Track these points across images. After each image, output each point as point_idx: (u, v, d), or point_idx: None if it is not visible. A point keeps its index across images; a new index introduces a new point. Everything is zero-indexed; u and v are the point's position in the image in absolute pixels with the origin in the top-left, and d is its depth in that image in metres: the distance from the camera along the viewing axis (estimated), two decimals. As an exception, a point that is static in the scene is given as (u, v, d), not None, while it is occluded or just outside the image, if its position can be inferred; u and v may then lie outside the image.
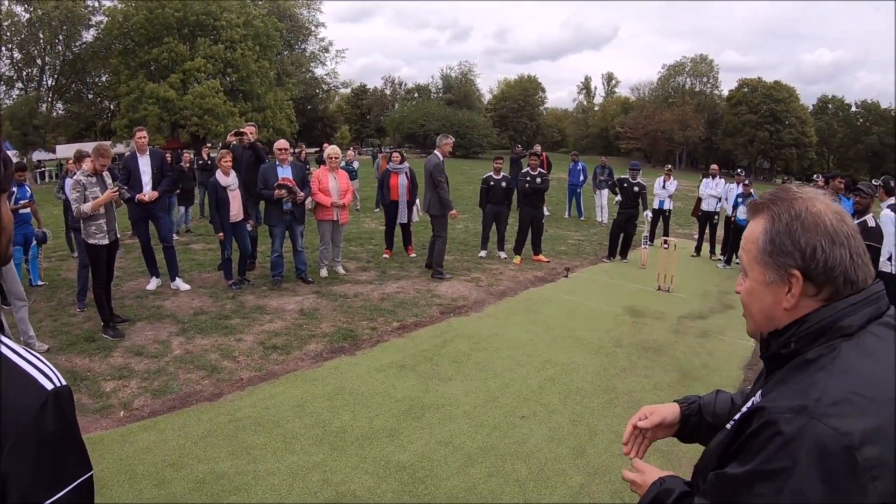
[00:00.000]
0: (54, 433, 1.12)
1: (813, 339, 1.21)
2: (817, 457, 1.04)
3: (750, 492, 1.10)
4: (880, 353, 1.17)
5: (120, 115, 43.75)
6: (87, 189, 6.68)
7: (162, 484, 4.05)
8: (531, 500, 4.05)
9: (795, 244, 1.22)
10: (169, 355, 6.35)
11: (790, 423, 1.08)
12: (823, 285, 1.21)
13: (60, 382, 1.16)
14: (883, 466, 1.04)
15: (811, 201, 1.26)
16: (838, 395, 1.09)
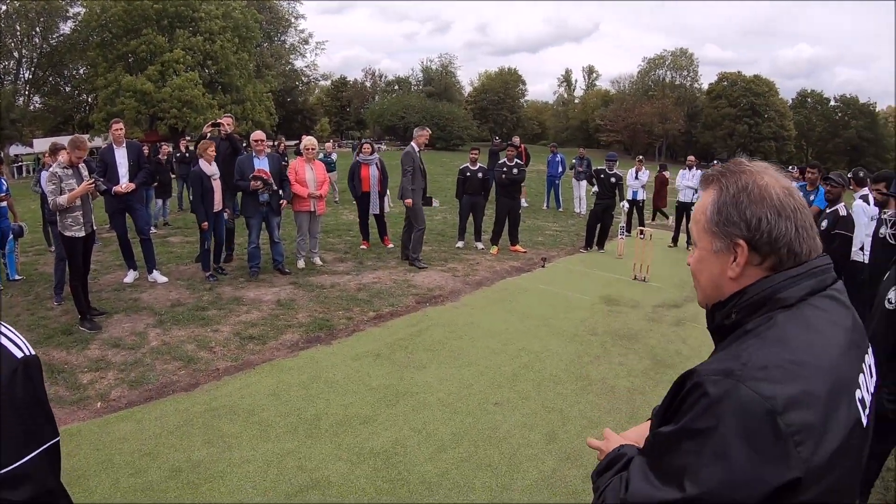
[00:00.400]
0: (23, 399, 1.20)
1: (753, 310, 1.25)
2: (740, 419, 1.06)
3: (678, 450, 1.13)
4: (818, 324, 1.20)
5: (98, 109, 43.35)
6: (64, 181, 6.66)
7: (139, 473, 4.09)
8: (503, 485, 4.13)
9: (741, 215, 1.26)
10: (146, 347, 6.37)
11: (716, 385, 1.11)
12: (768, 255, 1.25)
13: (30, 352, 1.24)
14: (806, 433, 1.07)
15: (759, 174, 1.30)
16: (766, 361, 1.12)
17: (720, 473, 1.06)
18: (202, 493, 3.89)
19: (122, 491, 3.89)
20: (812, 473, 1.07)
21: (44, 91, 49.62)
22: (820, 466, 1.08)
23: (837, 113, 74.15)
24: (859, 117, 70.87)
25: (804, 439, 1.06)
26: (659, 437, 1.20)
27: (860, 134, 69.47)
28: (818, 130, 73.54)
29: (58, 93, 50.46)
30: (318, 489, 3.96)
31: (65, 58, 47.44)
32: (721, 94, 71.53)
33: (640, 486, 1.17)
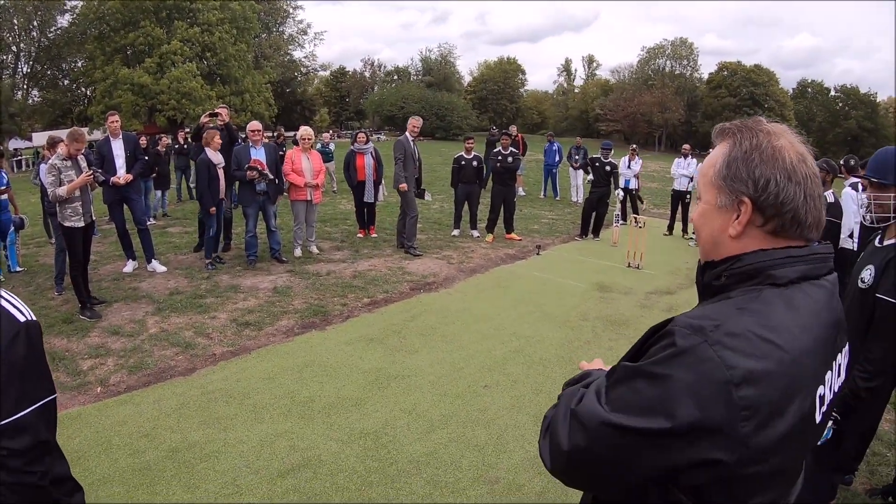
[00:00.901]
0: (25, 359, 1.35)
1: (743, 279, 1.24)
2: (696, 378, 1.07)
3: (633, 385, 1.14)
4: (801, 311, 1.19)
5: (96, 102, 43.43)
6: (62, 173, 6.78)
7: (136, 454, 4.22)
8: (489, 464, 4.26)
9: (750, 173, 1.24)
10: (144, 334, 6.51)
11: (685, 338, 1.11)
12: (771, 218, 1.23)
13: (31, 318, 1.40)
14: (755, 409, 1.07)
15: (776, 135, 1.27)
16: (739, 330, 1.11)
17: (661, 420, 1.08)
18: (198, 471, 4.02)
19: (121, 471, 4.01)
20: (750, 452, 1.08)
21: (42, 85, 49.69)
22: (761, 448, 1.09)
23: (838, 103, 73.87)
24: (860, 107, 70.64)
25: (751, 416, 1.07)
26: (621, 368, 1.21)
27: (860, 124, 69.24)
28: (818, 120, 73.22)
29: (56, 86, 50.51)
30: (310, 468, 4.09)
31: (63, 51, 47.50)
32: (721, 83, 71.28)
33: (590, 404, 1.19)
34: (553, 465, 1.27)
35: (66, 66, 50.51)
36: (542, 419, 1.36)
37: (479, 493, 3.92)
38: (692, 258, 11.43)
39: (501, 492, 3.95)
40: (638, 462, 1.13)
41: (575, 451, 1.19)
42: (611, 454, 1.15)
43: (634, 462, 1.14)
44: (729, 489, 1.12)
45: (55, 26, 46.78)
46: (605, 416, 1.15)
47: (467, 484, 4.01)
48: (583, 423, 1.18)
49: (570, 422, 1.22)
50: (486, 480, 4.06)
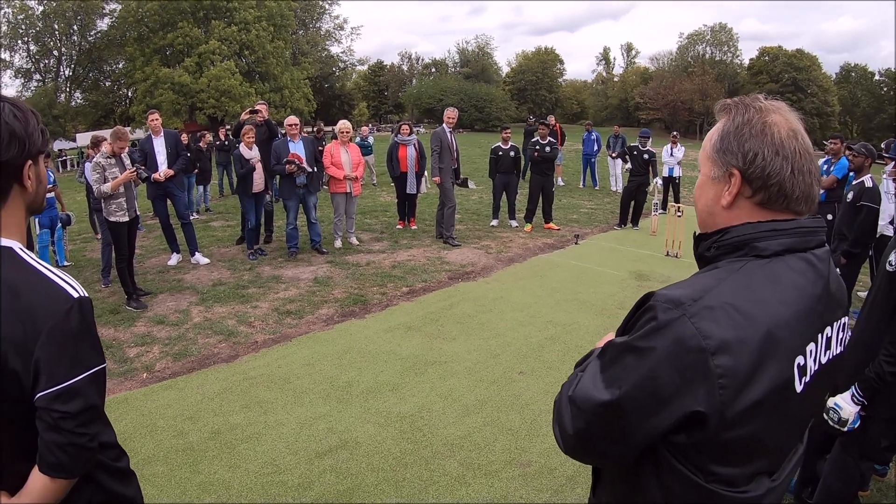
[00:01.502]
0: (77, 329, 1.48)
1: (730, 251, 1.30)
2: (676, 348, 1.15)
3: (621, 361, 1.23)
4: (781, 282, 1.24)
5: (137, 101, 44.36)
6: (107, 170, 7.00)
7: (180, 435, 4.38)
8: (522, 447, 4.31)
9: (740, 147, 1.30)
10: (189, 323, 6.70)
11: (665, 312, 1.18)
12: (759, 190, 1.28)
13: (84, 294, 1.52)
14: (731, 377, 1.14)
15: (768, 112, 1.32)
16: (715, 302, 1.17)
17: (648, 389, 1.18)
18: (239, 452, 4.15)
19: (165, 451, 4.17)
20: (726, 418, 1.15)
21: (84, 87, 50.86)
22: (738, 413, 1.16)
23: (882, 87, 71.42)
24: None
25: (728, 384, 1.14)
26: (611, 346, 1.29)
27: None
28: (863, 106, 71.16)
29: (98, 88, 51.64)
30: (347, 449, 4.20)
31: (103, 54, 48.56)
32: (762, 69, 69.62)
33: (585, 386, 1.29)
34: (565, 448, 1.37)
35: (107, 68, 51.56)
36: (554, 404, 1.43)
37: (511, 475, 3.98)
38: (733, 246, 11.27)
39: (533, 475, 4.00)
40: (634, 432, 1.22)
41: (578, 433, 1.30)
42: (609, 430, 1.26)
43: (631, 433, 1.23)
44: (710, 453, 1.20)
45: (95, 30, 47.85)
46: (597, 397, 1.24)
47: (500, 466, 4.06)
48: (580, 408, 1.28)
49: (570, 407, 1.32)
50: (518, 463, 4.11)
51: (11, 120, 1.47)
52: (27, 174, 1.52)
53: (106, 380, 1.59)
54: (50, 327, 1.42)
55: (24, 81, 47.39)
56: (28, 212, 1.60)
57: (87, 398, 1.48)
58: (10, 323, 1.40)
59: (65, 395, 1.43)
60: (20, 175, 1.51)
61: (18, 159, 1.49)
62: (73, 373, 1.45)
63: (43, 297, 1.45)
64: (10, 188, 1.51)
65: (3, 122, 1.45)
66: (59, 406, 1.42)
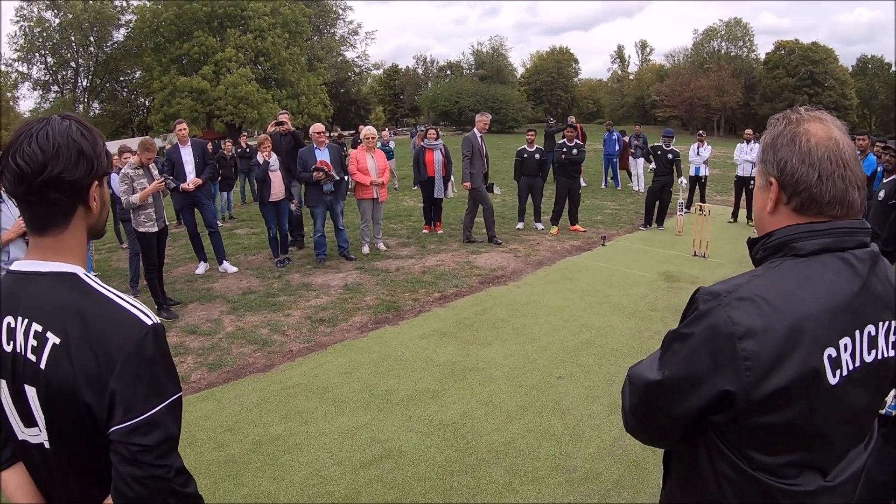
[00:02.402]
0: (153, 358, 1.42)
1: (773, 252, 1.42)
2: (710, 335, 1.30)
3: (671, 345, 1.40)
4: (813, 278, 1.32)
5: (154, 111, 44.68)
6: (135, 181, 7.03)
7: (221, 447, 4.36)
8: (566, 453, 4.26)
9: (775, 156, 1.41)
10: (221, 332, 6.69)
11: (705, 303, 1.34)
12: (792, 196, 1.39)
13: (157, 320, 1.46)
14: (755, 360, 1.26)
15: (804, 122, 1.41)
16: (747, 294, 1.31)
17: (685, 371, 1.34)
18: (281, 463, 4.13)
19: (207, 464, 4.15)
20: (754, 400, 1.27)
21: (102, 97, 51.46)
22: (765, 397, 1.26)
23: (901, 79, 70.51)
24: None
25: (753, 366, 1.26)
26: (670, 333, 1.44)
27: None
28: (881, 98, 69.81)
29: (115, 98, 52.18)
30: (392, 458, 4.17)
31: (120, 64, 49.14)
32: (778, 63, 68.57)
33: (642, 367, 1.48)
34: (626, 425, 1.58)
35: (124, 78, 52.11)
36: None
37: (557, 481, 3.94)
38: (759, 245, 11.16)
39: (579, 480, 3.96)
40: (673, 409, 1.38)
41: (632, 409, 1.50)
42: (654, 407, 1.44)
43: (671, 410, 1.39)
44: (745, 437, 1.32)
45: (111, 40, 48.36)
46: (647, 376, 1.43)
47: (545, 473, 4.03)
48: (634, 385, 1.49)
49: (628, 386, 1.52)
50: (563, 469, 4.07)
51: (79, 138, 1.42)
52: (93, 195, 1.47)
53: (182, 407, 1.53)
54: (125, 357, 1.37)
55: (43, 93, 48.14)
56: (90, 235, 1.55)
57: (166, 429, 1.42)
58: (82, 354, 1.35)
59: (143, 428, 1.38)
60: (86, 196, 1.45)
61: (85, 179, 1.43)
62: (150, 404, 1.40)
63: (115, 325, 1.40)
64: (76, 210, 1.46)
65: (71, 140, 1.41)
66: (137, 439, 1.37)
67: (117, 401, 1.36)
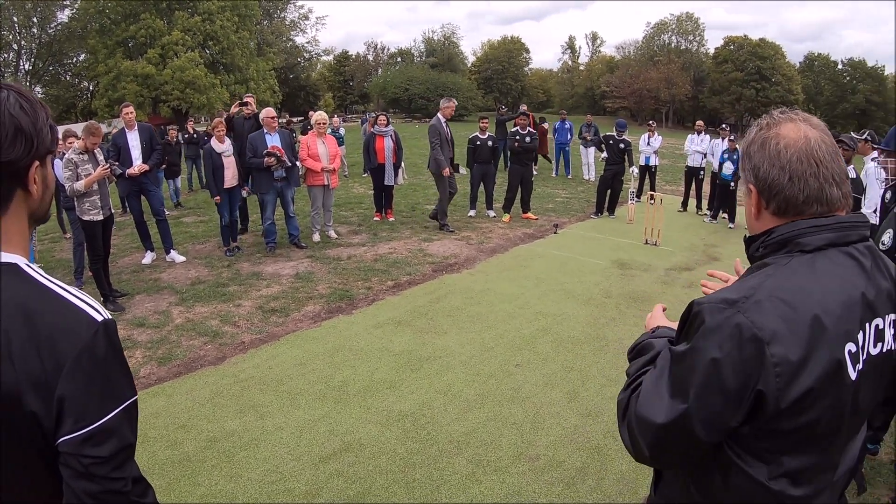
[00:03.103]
0: (105, 358, 1.26)
1: (776, 249, 1.37)
2: (735, 343, 1.23)
3: (679, 365, 1.31)
4: (824, 273, 1.31)
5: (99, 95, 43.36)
6: (80, 167, 6.75)
7: (175, 445, 4.21)
8: (528, 441, 4.26)
9: (751, 162, 1.41)
10: (170, 324, 6.50)
11: (721, 312, 1.26)
12: (769, 200, 1.38)
13: (107, 316, 1.30)
14: (784, 366, 1.22)
15: (775, 125, 1.40)
16: (765, 296, 1.26)
17: (714, 387, 1.24)
18: (238, 460, 4.01)
19: (160, 463, 4.00)
20: (783, 405, 1.23)
21: (45, 81, 49.64)
22: (793, 401, 1.23)
23: (845, 77, 71.95)
24: (867, 81, 68.79)
25: (782, 372, 1.22)
26: (669, 352, 1.36)
27: (868, 98, 67.35)
28: (826, 94, 71.62)
29: (59, 82, 50.47)
30: (351, 451, 4.09)
31: (64, 46, 47.45)
32: (727, 58, 69.79)
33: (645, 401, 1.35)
34: (636, 458, 1.43)
35: (68, 62, 50.43)
36: (617, 403, 1.50)
37: (520, 469, 3.93)
38: (708, 234, 11.42)
39: (543, 468, 3.96)
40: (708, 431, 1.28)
41: (653, 448, 1.36)
42: (682, 437, 1.31)
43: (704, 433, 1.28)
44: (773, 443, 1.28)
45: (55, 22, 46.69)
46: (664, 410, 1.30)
47: (509, 462, 4.01)
48: (647, 425, 1.34)
49: (637, 423, 1.37)
50: (526, 458, 4.06)
51: (18, 112, 1.24)
52: (33, 177, 1.29)
53: (138, 412, 1.38)
54: (74, 357, 1.20)
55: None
56: (32, 221, 1.37)
57: (123, 437, 1.27)
58: (26, 356, 1.18)
59: (97, 437, 1.22)
60: (25, 178, 1.28)
61: (24, 159, 1.25)
62: (104, 410, 1.24)
63: (62, 321, 1.23)
64: (13, 194, 1.28)
65: (8, 115, 1.22)
66: (90, 450, 1.22)
67: (67, 407, 1.21)
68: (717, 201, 12.72)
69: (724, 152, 12.25)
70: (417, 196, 14.22)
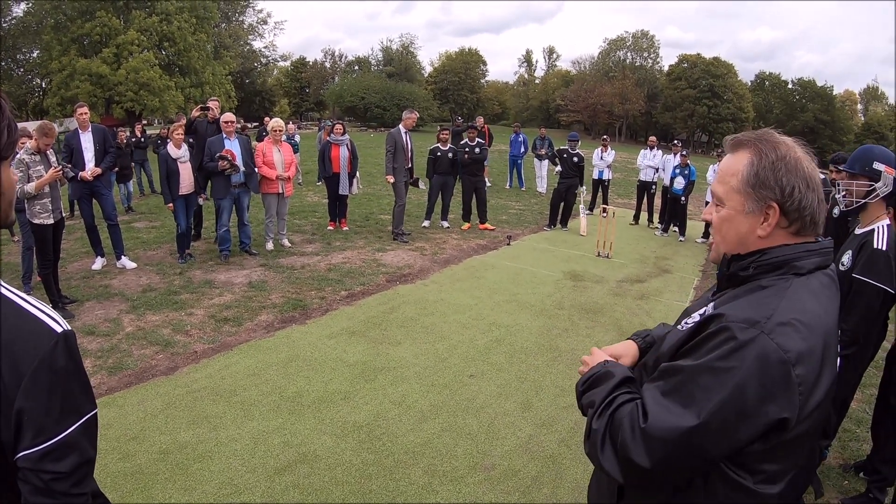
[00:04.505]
0: (65, 370, 1.24)
1: (771, 270, 1.42)
2: (760, 365, 1.26)
3: (696, 381, 1.31)
4: (820, 295, 1.40)
5: (52, 93, 42.11)
6: (31, 168, 6.61)
7: (127, 457, 4.13)
8: (483, 451, 4.32)
9: (778, 181, 1.42)
10: (121, 333, 6.38)
11: (744, 332, 1.29)
12: (794, 220, 1.43)
13: (67, 327, 1.29)
14: (807, 385, 1.28)
15: (793, 148, 1.45)
16: (785, 318, 1.30)
17: (734, 406, 1.26)
18: (192, 472, 3.97)
19: (112, 476, 3.92)
20: (801, 418, 1.30)
21: (-4, 76, 48.16)
22: (806, 414, 1.31)
23: (795, 96, 74.06)
24: (816, 100, 70.74)
25: (805, 391, 1.28)
26: (675, 369, 1.37)
27: (817, 116, 69.26)
28: (776, 112, 73.22)
29: (10, 78, 48.78)
30: (306, 463, 4.09)
31: (17, 41, 46.02)
32: (681, 75, 71.14)
33: (659, 414, 1.33)
34: (627, 479, 1.40)
35: (21, 57, 48.93)
36: (588, 430, 1.49)
37: (476, 479, 3.99)
38: (659, 247, 11.67)
39: (498, 478, 4.02)
40: (719, 449, 1.31)
41: (659, 464, 1.33)
42: (691, 454, 1.32)
43: (715, 451, 1.31)
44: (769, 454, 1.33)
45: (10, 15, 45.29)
46: (679, 421, 1.30)
47: (464, 472, 4.06)
48: (663, 438, 1.31)
49: (644, 440, 1.34)
50: (482, 468, 4.12)
51: None
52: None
53: (98, 426, 1.37)
54: (33, 370, 1.19)
55: (-71, 70, 44.56)
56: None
57: (83, 452, 1.27)
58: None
59: (57, 452, 1.22)
60: None
61: None
62: (64, 424, 1.23)
63: (20, 333, 1.21)
64: None
65: None
66: (49, 465, 1.21)
67: (25, 421, 1.19)
68: (668, 215, 13.01)
69: (676, 167, 12.55)
70: (372, 205, 14.21)
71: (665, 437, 1.31)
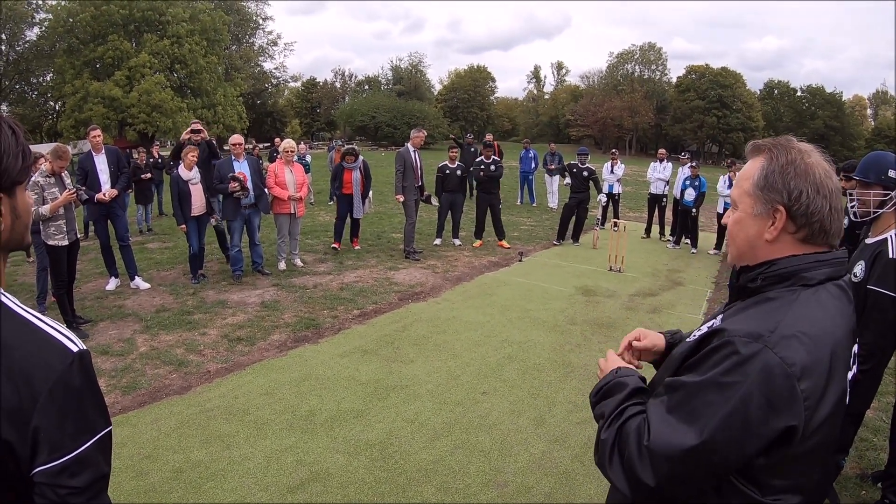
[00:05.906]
0: (80, 389, 1.27)
1: (778, 281, 1.41)
2: (764, 379, 1.25)
3: (699, 397, 1.30)
4: (829, 307, 1.37)
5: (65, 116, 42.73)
6: (46, 190, 6.69)
7: (140, 476, 4.15)
8: (496, 468, 4.29)
9: (785, 185, 1.41)
10: (135, 353, 6.42)
11: (747, 346, 1.28)
12: (802, 226, 1.41)
13: (82, 346, 1.31)
14: (812, 399, 1.27)
15: (807, 153, 1.44)
16: (789, 331, 1.29)
17: (738, 421, 1.26)
18: (205, 491, 3.98)
19: (126, 494, 3.94)
20: (808, 431, 1.28)
21: (10, 99, 48.81)
22: (814, 428, 1.29)
23: (804, 103, 73.90)
24: (826, 107, 70.68)
25: (811, 404, 1.27)
26: (680, 385, 1.36)
27: (827, 123, 69.03)
28: (786, 121, 73.11)
29: (24, 101, 49.64)
30: (319, 481, 4.09)
31: (31, 65, 46.76)
32: (689, 86, 71.27)
33: (662, 432, 1.33)
34: (636, 496, 1.38)
35: (35, 80, 49.65)
36: (597, 440, 1.49)
37: (489, 497, 3.96)
38: (671, 260, 11.62)
39: (511, 495, 4.00)
40: (725, 465, 1.31)
41: (665, 481, 1.32)
42: (697, 470, 1.32)
43: (721, 467, 1.31)
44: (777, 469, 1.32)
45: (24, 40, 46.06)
46: (684, 442, 1.29)
47: (477, 489, 4.04)
48: (667, 456, 1.31)
49: (649, 458, 1.33)
50: (495, 485, 4.10)
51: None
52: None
53: (112, 443, 1.39)
54: (49, 388, 1.21)
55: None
56: (5, 251, 1.36)
57: (97, 468, 1.28)
58: (3, 386, 1.19)
59: (72, 468, 1.23)
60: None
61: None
62: (79, 440, 1.25)
63: (37, 352, 1.24)
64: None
65: None
66: (65, 481, 1.22)
67: (42, 438, 1.21)
68: (679, 227, 12.98)
69: (686, 179, 12.53)
70: (383, 224, 14.27)
71: (669, 455, 1.31)
